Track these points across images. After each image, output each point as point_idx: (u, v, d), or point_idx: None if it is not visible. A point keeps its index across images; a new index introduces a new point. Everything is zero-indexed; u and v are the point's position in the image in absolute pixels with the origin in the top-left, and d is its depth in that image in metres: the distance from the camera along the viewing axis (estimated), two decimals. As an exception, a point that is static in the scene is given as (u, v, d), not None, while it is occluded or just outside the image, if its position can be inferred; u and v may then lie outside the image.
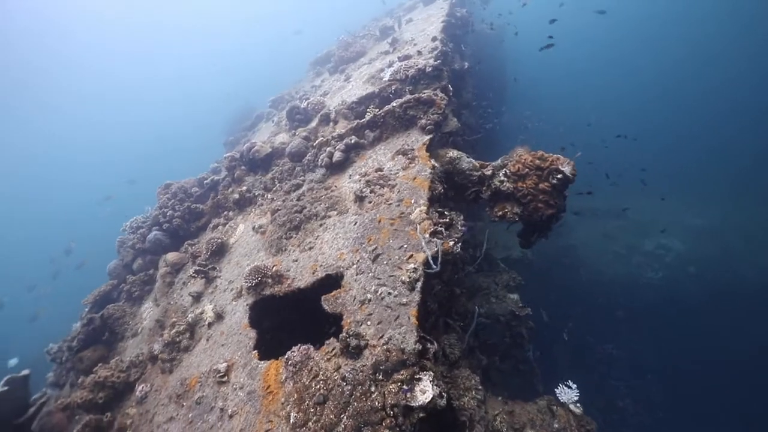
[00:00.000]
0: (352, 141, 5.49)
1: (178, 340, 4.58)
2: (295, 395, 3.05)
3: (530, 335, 5.93)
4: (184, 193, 7.59)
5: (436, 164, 4.58)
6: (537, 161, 4.27)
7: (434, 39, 7.77)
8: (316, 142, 6.09)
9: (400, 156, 4.84)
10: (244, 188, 6.69)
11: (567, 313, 10.10)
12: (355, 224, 4.31)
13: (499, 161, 4.78)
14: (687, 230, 14.14)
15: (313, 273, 4.10)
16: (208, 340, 4.47)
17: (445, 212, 3.92)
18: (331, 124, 6.64)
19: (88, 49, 50.87)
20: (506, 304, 6.02)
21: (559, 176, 4.18)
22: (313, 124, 7.26)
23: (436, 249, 3.31)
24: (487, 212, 4.72)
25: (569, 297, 11.29)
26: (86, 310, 7.70)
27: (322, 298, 3.59)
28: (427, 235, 3.52)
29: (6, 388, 4.82)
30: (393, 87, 6.26)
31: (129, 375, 4.78)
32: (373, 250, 3.77)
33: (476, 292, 6.27)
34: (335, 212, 4.71)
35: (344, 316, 3.39)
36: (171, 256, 6.48)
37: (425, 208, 3.82)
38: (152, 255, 7.09)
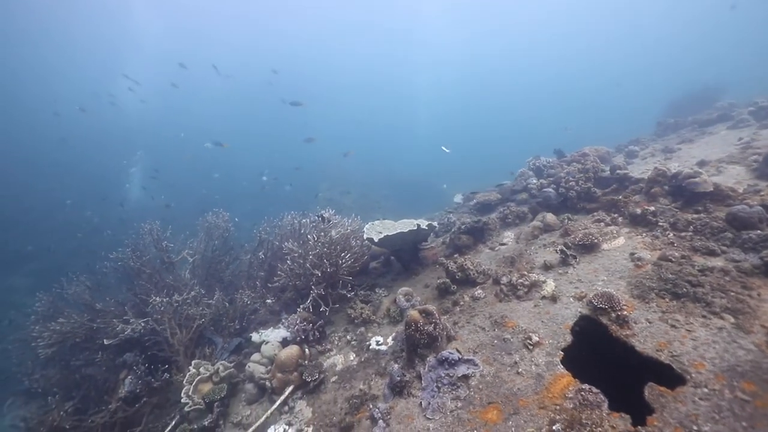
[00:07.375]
0: (839, 265, 4.12)
1: (518, 287, 5.97)
2: (567, 417, 3.74)
3: None
4: (594, 173, 8.12)
5: None
6: None
7: None
8: (783, 228, 4.88)
9: None
10: (652, 209, 6.46)
11: None
12: (746, 360, 3.76)
13: None
14: None
15: (656, 351, 4.13)
16: (535, 306, 5.59)
17: None
18: (828, 215, 4.94)
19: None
20: None
21: None
22: (800, 192, 5.59)
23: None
24: None
25: None
26: (472, 203, 10.64)
27: (650, 383, 3.74)
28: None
29: (426, 228, 8.00)
30: None
31: (477, 277, 6.80)
32: (741, 409, 3.37)
33: None
34: (732, 321, 4.13)
35: (655, 414, 3.52)
36: (549, 218, 7.65)
37: None
38: (537, 204, 8.55)
